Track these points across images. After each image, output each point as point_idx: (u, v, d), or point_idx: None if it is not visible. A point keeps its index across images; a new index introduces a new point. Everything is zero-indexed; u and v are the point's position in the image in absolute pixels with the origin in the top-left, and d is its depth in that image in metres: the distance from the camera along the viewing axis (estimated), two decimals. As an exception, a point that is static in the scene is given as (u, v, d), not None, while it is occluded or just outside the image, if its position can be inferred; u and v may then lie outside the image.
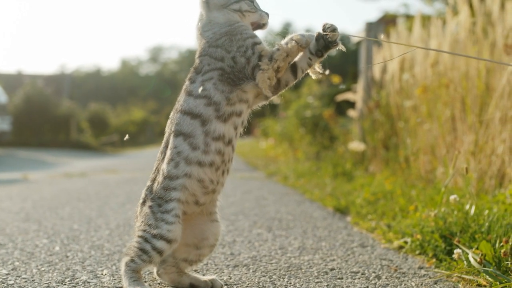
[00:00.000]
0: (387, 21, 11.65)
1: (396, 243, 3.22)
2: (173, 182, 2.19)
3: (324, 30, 2.17)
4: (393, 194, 4.64)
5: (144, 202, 2.25)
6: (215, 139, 2.17)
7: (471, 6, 5.16)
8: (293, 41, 2.17)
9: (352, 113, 8.18)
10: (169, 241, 2.15)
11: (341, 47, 2.23)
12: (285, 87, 2.30)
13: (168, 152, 2.22)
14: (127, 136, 2.95)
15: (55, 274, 2.65)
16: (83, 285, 2.45)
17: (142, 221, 2.21)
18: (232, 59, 2.18)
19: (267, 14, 2.33)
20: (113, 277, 2.58)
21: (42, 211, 4.86)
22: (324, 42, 2.17)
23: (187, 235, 2.30)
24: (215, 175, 2.21)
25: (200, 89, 2.17)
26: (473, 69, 4.75)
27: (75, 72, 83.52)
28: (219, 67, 2.20)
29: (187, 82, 2.28)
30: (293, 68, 2.27)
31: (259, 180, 7.85)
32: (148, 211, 2.20)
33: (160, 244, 2.15)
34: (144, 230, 2.18)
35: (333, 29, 2.16)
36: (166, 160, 2.22)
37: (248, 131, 2.42)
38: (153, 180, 2.27)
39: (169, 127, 2.29)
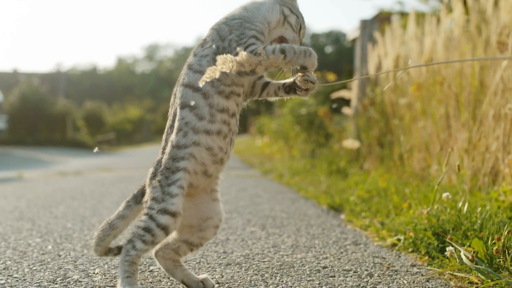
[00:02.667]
0: (382, 19, 11.65)
1: (389, 241, 3.22)
2: (181, 151, 2.19)
3: (304, 79, 2.20)
4: (387, 191, 4.64)
5: (154, 176, 2.23)
6: (220, 111, 2.19)
7: (465, 3, 5.16)
8: (279, 55, 2.09)
9: (347, 110, 8.19)
10: (173, 214, 2.13)
11: (306, 99, 2.32)
12: (252, 97, 2.34)
13: (176, 124, 2.23)
14: (96, 149, 2.94)
15: (46, 273, 2.64)
16: (74, 284, 2.44)
17: (150, 195, 2.20)
18: (229, 41, 2.19)
19: (300, 43, 2.29)
20: (104, 276, 2.58)
21: (36, 210, 4.85)
22: (295, 87, 2.24)
23: (192, 215, 2.31)
24: (224, 142, 2.23)
25: (192, 103, 2.19)
26: (467, 66, 4.75)
27: (71, 70, 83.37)
28: (217, 45, 2.22)
29: (191, 55, 2.31)
30: (264, 86, 2.32)
31: (254, 178, 7.85)
32: (157, 185, 2.19)
33: (164, 219, 2.12)
34: (150, 207, 2.17)
35: (312, 81, 2.20)
36: (175, 130, 2.23)
37: (244, 129, 2.43)
38: (162, 153, 2.27)
39: (174, 101, 2.30)
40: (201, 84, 2.03)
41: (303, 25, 2.30)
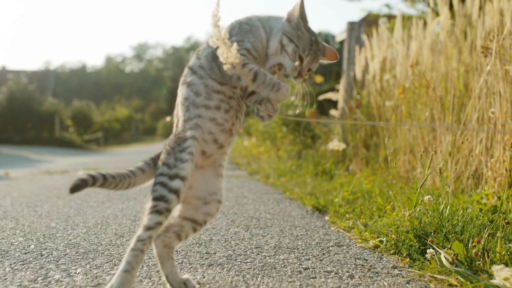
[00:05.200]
0: (370, 21, 11.70)
1: (372, 243, 3.24)
2: (187, 123, 2.30)
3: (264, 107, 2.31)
4: (371, 193, 4.66)
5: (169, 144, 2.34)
6: (215, 92, 2.31)
7: (451, 7, 5.20)
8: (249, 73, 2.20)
9: (334, 112, 8.21)
10: (183, 178, 2.19)
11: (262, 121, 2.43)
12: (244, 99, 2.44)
13: (179, 99, 2.38)
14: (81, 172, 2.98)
15: (28, 272, 2.63)
16: (55, 283, 2.44)
17: (162, 161, 2.27)
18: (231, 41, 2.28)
19: (298, 73, 2.32)
20: (86, 276, 2.57)
21: (20, 209, 4.83)
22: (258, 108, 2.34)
23: (200, 187, 2.38)
24: (227, 115, 2.33)
25: (188, 79, 2.38)
26: (453, 70, 4.79)
27: (59, 68, 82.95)
28: (210, 50, 2.33)
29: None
30: (251, 93, 2.40)
31: (240, 178, 7.85)
32: (170, 151, 2.27)
33: (176, 183, 2.18)
34: (161, 174, 2.23)
35: (269, 113, 2.33)
36: (179, 106, 2.36)
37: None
38: (176, 126, 2.39)
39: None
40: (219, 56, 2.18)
41: (305, 54, 2.30)
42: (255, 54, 2.31)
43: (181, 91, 2.37)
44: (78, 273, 2.63)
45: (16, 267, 2.74)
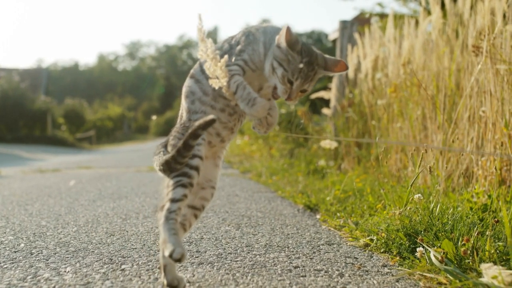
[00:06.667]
0: (363, 20, 11.72)
1: (362, 241, 3.24)
2: (194, 115, 2.39)
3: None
4: (363, 192, 4.66)
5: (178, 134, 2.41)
6: (222, 97, 2.36)
7: (443, 6, 5.21)
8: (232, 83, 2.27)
9: (326, 111, 8.22)
10: (201, 157, 2.28)
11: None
12: None
13: (184, 89, 2.45)
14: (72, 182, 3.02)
15: (17, 271, 2.62)
16: (44, 282, 2.43)
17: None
18: (230, 46, 2.39)
19: (288, 95, 2.31)
20: (75, 274, 2.56)
21: (11, 207, 4.82)
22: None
23: (202, 174, 2.42)
24: (231, 118, 2.42)
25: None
26: (444, 69, 4.80)
27: (52, 66, 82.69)
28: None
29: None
30: None
31: (232, 176, 7.85)
32: (182, 130, 2.37)
33: (195, 161, 2.26)
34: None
35: (266, 125, 2.38)
36: (183, 96, 2.45)
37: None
38: (180, 117, 2.48)
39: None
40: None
41: (294, 77, 2.26)
42: (253, 66, 2.35)
43: (189, 84, 2.44)
44: (68, 271, 2.62)
45: (5, 266, 2.72)
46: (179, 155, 2.22)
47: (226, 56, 2.23)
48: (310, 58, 2.27)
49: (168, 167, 2.26)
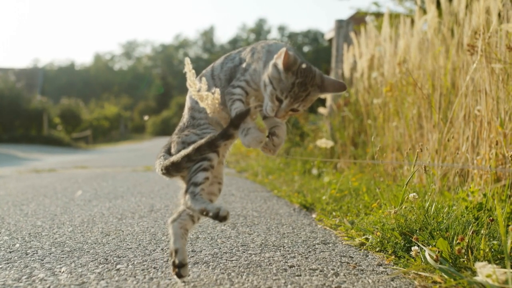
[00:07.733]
0: (359, 19, 11.72)
1: (358, 240, 3.24)
2: (198, 114, 2.48)
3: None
4: (358, 191, 4.66)
5: (183, 130, 2.50)
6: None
7: (438, 5, 5.21)
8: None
9: (322, 110, 8.22)
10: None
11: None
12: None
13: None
14: (80, 192, 3.06)
15: (12, 271, 2.62)
16: (39, 282, 2.42)
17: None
18: (242, 65, 2.43)
19: (276, 113, 2.30)
20: (71, 274, 2.56)
21: (6, 208, 4.81)
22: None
23: None
24: None
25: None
26: (440, 68, 4.80)
27: (48, 65, 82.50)
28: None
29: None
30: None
31: (229, 176, 7.85)
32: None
33: None
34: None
35: (272, 147, 2.42)
36: (188, 95, 2.52)
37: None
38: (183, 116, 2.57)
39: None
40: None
41: (283, 96, 2.24)
42: (254, 86, 2.36)
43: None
44: (63, 272, 2.61)
45: (0, 266, 2.72)
46: (214, 141, 2.32)
47: (217, 92, 2.30)
48: (304, 79, 2.24)
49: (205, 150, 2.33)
